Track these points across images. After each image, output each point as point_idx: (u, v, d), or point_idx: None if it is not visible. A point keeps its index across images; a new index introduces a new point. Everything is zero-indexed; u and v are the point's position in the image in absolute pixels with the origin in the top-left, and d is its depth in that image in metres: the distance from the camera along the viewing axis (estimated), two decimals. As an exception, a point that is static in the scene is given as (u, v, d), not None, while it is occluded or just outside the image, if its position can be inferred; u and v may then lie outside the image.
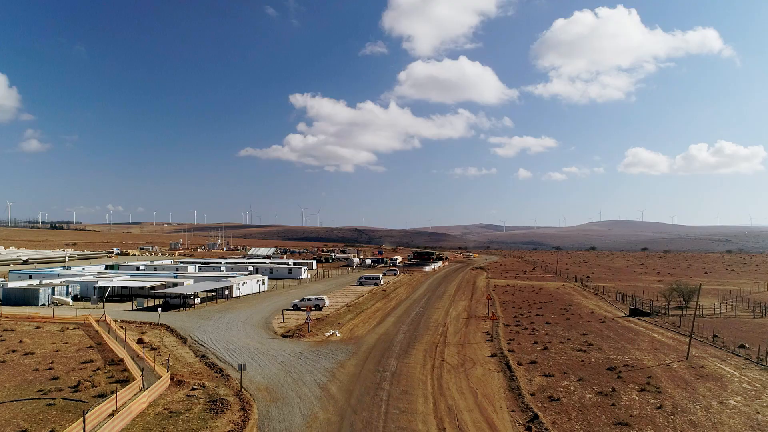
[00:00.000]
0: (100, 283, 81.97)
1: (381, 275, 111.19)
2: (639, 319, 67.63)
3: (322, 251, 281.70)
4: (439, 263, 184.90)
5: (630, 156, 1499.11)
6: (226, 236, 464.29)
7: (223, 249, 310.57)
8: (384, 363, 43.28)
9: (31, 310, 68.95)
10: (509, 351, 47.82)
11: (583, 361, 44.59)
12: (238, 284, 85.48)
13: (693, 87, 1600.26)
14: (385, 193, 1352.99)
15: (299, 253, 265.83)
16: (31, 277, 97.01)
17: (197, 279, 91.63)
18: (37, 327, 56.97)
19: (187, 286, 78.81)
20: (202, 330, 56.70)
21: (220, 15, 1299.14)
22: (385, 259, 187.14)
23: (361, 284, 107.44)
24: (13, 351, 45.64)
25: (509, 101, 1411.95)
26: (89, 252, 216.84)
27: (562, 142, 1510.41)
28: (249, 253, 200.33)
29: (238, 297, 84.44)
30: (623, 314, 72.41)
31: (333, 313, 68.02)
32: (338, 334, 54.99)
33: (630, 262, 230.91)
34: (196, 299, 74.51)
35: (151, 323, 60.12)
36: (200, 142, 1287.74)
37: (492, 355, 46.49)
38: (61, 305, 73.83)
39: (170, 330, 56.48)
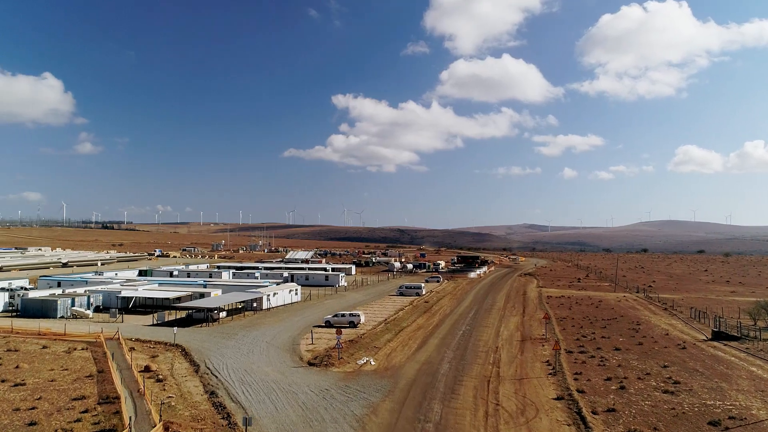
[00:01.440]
0: (124, 293, 77.26)
1: (423, 284, 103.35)
2: (726, 345, 57.50)
3: (363, 253, 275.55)
4: (484, 268, 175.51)
5: (681, 154, 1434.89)
6: (268, 236, 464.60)
7: (264, 251, 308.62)
8: (426, 407, 35.54)
9: (47, 323, 64.36)
10: (578, 391, 39.28)
11: (674, 408, 35.68)
12: (269, 295, 79.31)
13: (749, 81, 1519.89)
14: (428, 192, 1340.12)
15: (339, 255, 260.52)
16: (59, 284, 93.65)
17: (227, 288, 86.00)
18: (43, 347, 51.72)
19: (213, 298, 73.06)
20: (221, 353, 50.29)
21: (263, 19, 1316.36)
22: (427, 264, 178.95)
23: (401, 294, 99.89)
24: (3, 381, 40.10)
25: (554, 99, 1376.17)
26: (130, 254, 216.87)
27: (609, 141, 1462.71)
28: (287, 257, 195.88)
29: (268, 309, 78.26)
30: (704, 337, 62.31)
31: (369, 333, 60.64)
32: (373, 362, 47.57)
33: (691, 267, 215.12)
34: (221, 313, 68.58)
35: (166, 343, 54.12)
36: (245, 144, 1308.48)
37: (558, 398, 38.06)
38: (80, 318, 69.19)
39: (185, 353, 50.26)
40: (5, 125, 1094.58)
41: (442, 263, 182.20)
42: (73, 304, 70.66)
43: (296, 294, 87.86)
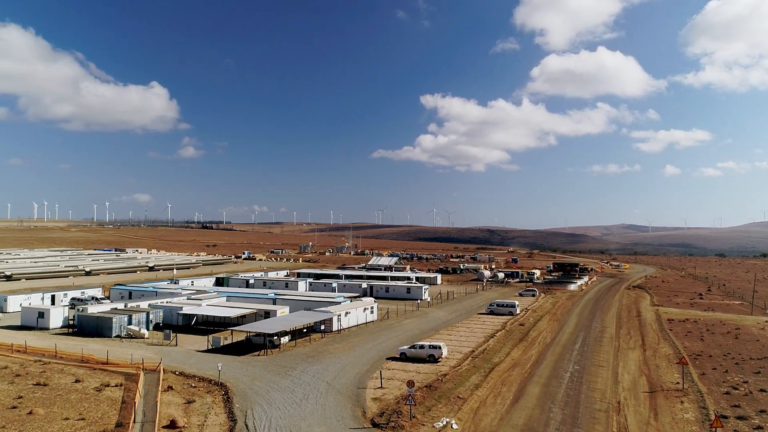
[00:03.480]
0: (185, 310, 71.19)
1: (516, 303, 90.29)
2: None
3: (451, 257, 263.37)
4: (585, 278, 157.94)
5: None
6: (357, 237, 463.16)
7: (350, 253, 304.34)
8: None
9: (98, 345, 58.95)
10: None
11: None
12: (339, 315, 70.26)
13: None
14: (519, 192, 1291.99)
15: (426, 259, 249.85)
16: (130, 295, 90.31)
17: (297, 305, 78.05)
18: (76, 380, 45.21)
19: (276, 320, 64.97)
20: (269, 399, 41.29)
21: (351, 23, 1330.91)
22: (520, 273, 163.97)
23: (491, 312, 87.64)
24: (2, 427, 33.25)
25: (655, 92, 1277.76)
26: (219, 256, 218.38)
27: (716, 135, 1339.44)
28: (370, 262, 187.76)
29: (339, 331, 69.17)
30: None
31: (452, 373, 49.48)
32: (455, 425, 36.50)
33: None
34: (283, 338, 60.19)
35: (210, 381, 46.03)
36: (336, 145, 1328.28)
37: None
38: (135, 337, 63.41)
39: (226, 397, 41.72)
40: (118, 132, 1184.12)
41: (537, 272, 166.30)
42: (129, 322, 65.19)
43: (372, 312, 78.28)
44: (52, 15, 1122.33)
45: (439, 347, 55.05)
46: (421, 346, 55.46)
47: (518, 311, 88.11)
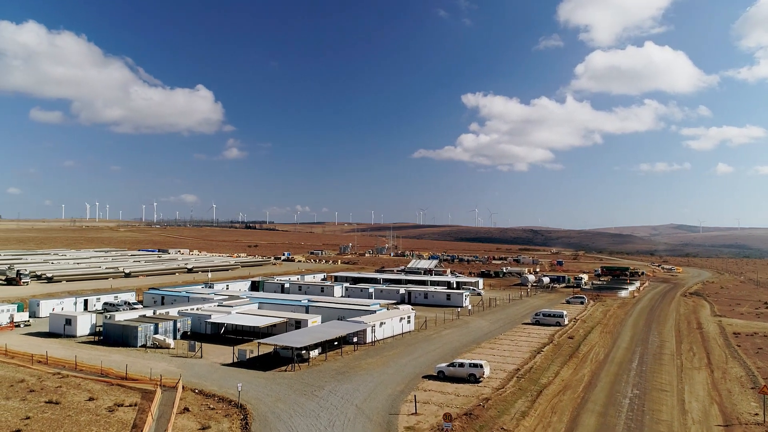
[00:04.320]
0: (214, 318, 68.35)
1: (565, 312, 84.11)
2: None
3: (493, 259, 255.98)
4: (636, 284, 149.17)
5: None
6: (398, 237, 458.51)
7: (390, 254, 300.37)
8: None
9: (121, 356, 56.63)
10: None
11: None
12: (374, 326, 66.10)
13: None
14: (562, 191, 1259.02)
15: (467, 261, 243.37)
16: (163, 300, 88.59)
17: (330, 313, 74.34)
18: (90, 398, 42.48)
19: (306, 331, 61.24)
20: (290, 427, 37.41)
21: (392, 22, 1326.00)
22: (566, 277, 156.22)
23: (537, 323, 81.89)
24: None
25: (706, 88, 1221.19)
26: (258, 258, 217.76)
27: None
28: (410, 265, 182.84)
29: (373, 343, 65.02)
30: None
31: (494, 397, 44.53)
32: (498, 467, 31.72)
33: None
34: (312, 351, 56.45)
35: (230, 402, 42.52)
36: (377, 145, 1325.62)
37: None
38: (161, 347, 60.81)
39: (244, 423, 38.07)
40: (165, 134, 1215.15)
41: (585, 277, 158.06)
42: (156, 331, 62.69)
43: (408, 322, 73.83)
44: (104, 22, 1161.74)
45: (481, 366, 50.13)
46: (461, 364, 50.67)
47: (566, 321, 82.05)
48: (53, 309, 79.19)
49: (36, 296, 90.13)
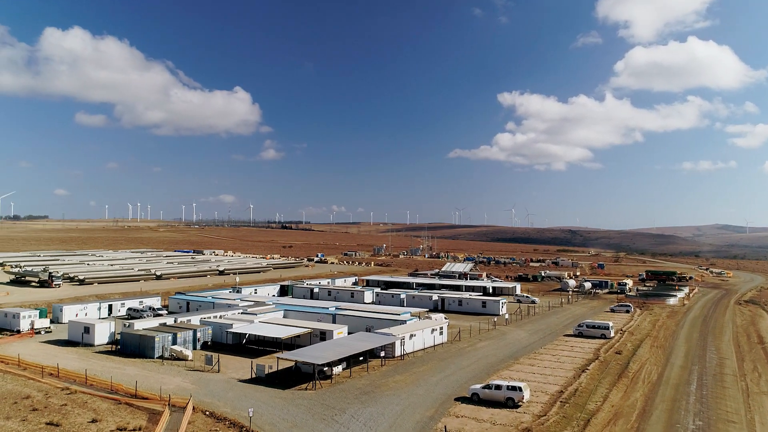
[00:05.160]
0: (235, 328, 65.09)
1: (610, 323, 77.92)
2: None
3: (531, 261, 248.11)
4: (686, 290, 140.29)
5: None
6: (434, 236, 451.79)
7: (424, 255, 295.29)
8: None
9: (136, 369, 53.86)
10: None
11: None
12: (403, 338, 61.74)
13: None
14: (602, 191, 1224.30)
15: (504, 263, 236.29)
16: (188, 306, 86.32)
17: (357, 323, 70.40)
18: (93, 420, 39.45)
19: (327, 345, 57.22)
20: (304, 461, 33.44)
21: (427, 22, 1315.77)
22: (609, 282, 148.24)
23: (580, 334, 76.09)
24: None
25: (754, 84, 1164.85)
26: (287, 260, 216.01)
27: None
28: (444, 269, 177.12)
29: (402, 357, 60.67)
30: None
31: (536, 426, 39.56)
32: None
33: None
34: (335, 368, 52.48)
35: (241, 427, 38.80)
36: (412, 145, 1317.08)
37: None
38: (178, 359, 57.85)
39: (254, 456, 34.28)
40: (205, 136, 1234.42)
41: (629, 282, 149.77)
42: (174, 341, 59.83)
43: (441, 333, 69.17)
44: (145, 26, 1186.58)
45: (520, 389, 45.18)
46: (498, 386, 45.82)
47: (612, 333, 75.97)
48: (76, 315, 77.63)
49: (63, 300, 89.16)
